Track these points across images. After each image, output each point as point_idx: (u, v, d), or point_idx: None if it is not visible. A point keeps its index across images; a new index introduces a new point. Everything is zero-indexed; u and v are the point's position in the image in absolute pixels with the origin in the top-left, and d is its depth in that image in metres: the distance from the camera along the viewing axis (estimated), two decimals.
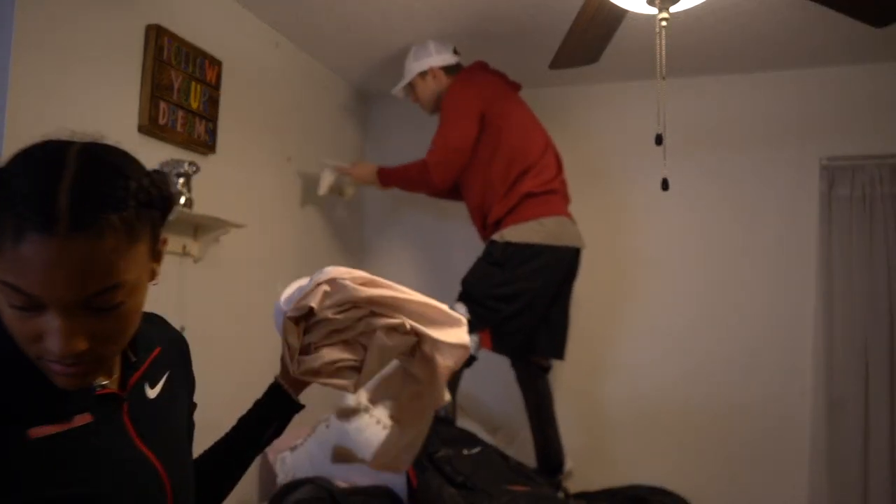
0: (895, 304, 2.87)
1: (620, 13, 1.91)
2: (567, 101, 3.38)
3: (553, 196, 2.64)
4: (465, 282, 2.58)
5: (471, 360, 2.56)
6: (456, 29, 2.73)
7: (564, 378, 3.29)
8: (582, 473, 2.95)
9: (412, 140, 3.54)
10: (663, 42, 1.88)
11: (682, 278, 3.18)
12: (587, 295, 3.29)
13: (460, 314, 2.44)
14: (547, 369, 2.74)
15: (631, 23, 2.57)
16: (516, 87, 2.89)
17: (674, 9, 1.73)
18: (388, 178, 2.85)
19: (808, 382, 2.98)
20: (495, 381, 3.02)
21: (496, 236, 2.56)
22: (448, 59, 2.79)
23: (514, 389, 2.86)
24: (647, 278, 3.22)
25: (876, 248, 2.90)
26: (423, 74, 2.80)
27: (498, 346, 2.58)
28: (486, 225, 2.66)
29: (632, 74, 3.20)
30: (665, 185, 1.96)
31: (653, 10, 1.74)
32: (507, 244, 2.54)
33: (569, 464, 2.98)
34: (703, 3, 2.18)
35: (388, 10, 2.58)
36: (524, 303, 2.54)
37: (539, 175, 2.60)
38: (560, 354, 2.71)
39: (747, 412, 3.04)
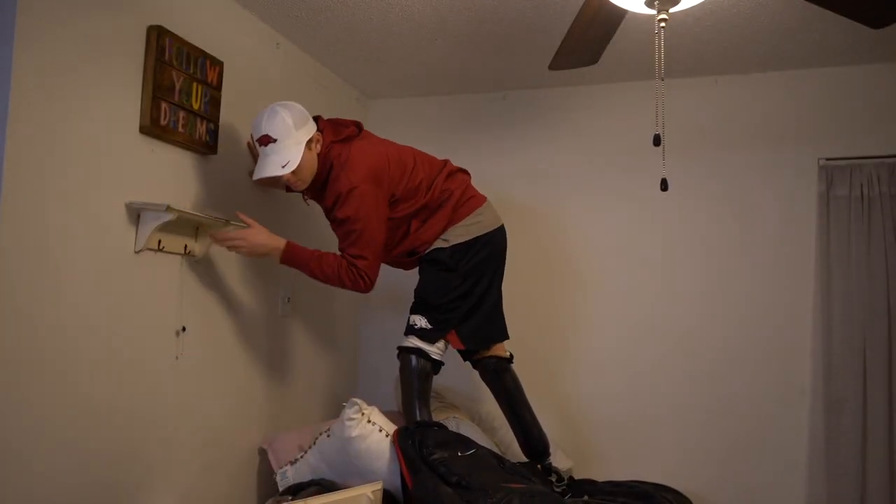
0: (893, 303, 2.88)
1: (620, 14, 1.92)
2: (567, 101, 3.39)
3: (470, 189, 2.65)
4: (420, 293, 2.56)
5: (438, 367, 2.57)
6: (455, 29, 2.74)
7: (564, 378, 3.30)
8: (582, 472, 2.96)
9: (412, 140, 3.54)
10: (662, 43, 1.89)
11: (681, 278, 3.19)
12: (585, 294, 3.31)
13: (421, 325, 2.49)
14: (510, 360, 2.73)
15: (630, 24, 2.59)
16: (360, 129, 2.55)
17: (672, 10, 1.74)
18: (295, 258, 2.39)
19: (806, 381, 2.99)
20: None
21: (440, 242, 2.54)
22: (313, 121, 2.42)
23: None
24: (645, 278, 3.23)
25: (874, 248, 2.91)
26: (309, 143, 2.34)
27: (468, 342, 2.58)
28: (412, 253, 2.60)
29: (631, 75, 3.21)
30: (664, 185, 1.97)
31: (651, 11, 1.75)
32: (454, 247, 2.53)
33: (568, 463, 2.99)
34: (702, 4, 2.20)
35: (388, 11, 2.59)
36: (479, 294, 2.56)
37: (453, 194, 2.57)
38: (506, 335, 2.71)
39: (746, 411, 3.05)
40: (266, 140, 2.28)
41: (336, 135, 2.44)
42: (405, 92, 3.53)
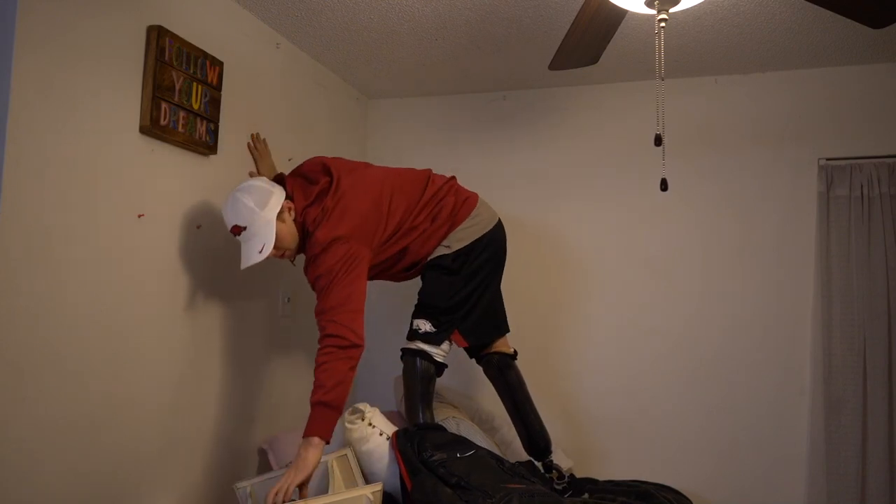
0: (893, 303, 2.88)
1: (620, 14, 1.92)
2: (567, 101, 3.39)
3: (462, 192, 2.62)
4: (425, 297, 2.55)
5: (442, 369, 2.57)
6: (455, 29, 2.74)
7: (564, 377, 3.30)
8: (582, 471, 2.96)
9: (412, 140, 3.57)
10: (662, 43, 1.89)
11: (681, 278, 3.19)
12: (585, 293, 3.31)
13: (425, 330, 2.49)
14: (514, 356, 2.73)
15: (630, 24, 2.59)
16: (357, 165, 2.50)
17: (673, 10, 1.74)
18: (323, 423, 2.12)
19: (806, 382, 2.99)
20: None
21: (442, 249, 2.53)
22: (280, 188, 2.31)
23: None
24: (645, 278, 3.23)
25: (874, 248, 2.91)
26: (281, 214, 2.26)
27: (472, 338, 2.59)
28: (414, 265, 2.57)
29: (631, 75, 3.21)
30: (664, 185, 1.97)
31: (651, 11, 1.75)
32: (457, 252, 2.52)
33: (569, 462, 2.99)
34: (702, 4, 2.21)
35: (387, 11, 2.59)
36: (481, 291, 2.57)
37: (445, 206, 2.53)
38: (507, 327, 2.72)
39: (746, 411, 3.05)
40: (237, 230, 2.23)
41: (307, 197, 2.33)
42: (405, 92, 3.53)
